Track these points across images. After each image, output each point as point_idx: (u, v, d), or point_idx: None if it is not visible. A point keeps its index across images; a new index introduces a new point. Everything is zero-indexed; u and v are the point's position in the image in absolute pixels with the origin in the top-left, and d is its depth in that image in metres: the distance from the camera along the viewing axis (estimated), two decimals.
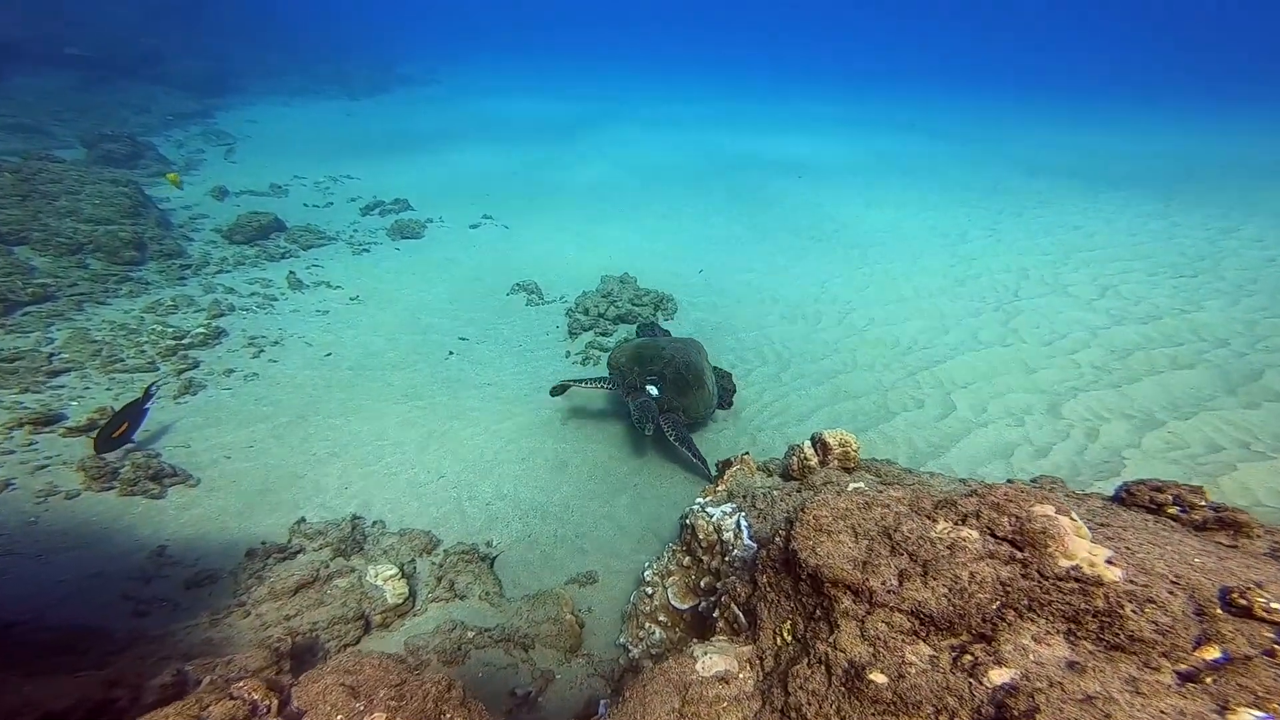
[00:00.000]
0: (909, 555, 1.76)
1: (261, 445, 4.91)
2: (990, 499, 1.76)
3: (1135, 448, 4.37)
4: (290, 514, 4.26)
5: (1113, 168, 14.65)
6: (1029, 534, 1.61)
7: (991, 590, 1.55)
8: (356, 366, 6.13)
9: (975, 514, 1.75)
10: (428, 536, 4.16)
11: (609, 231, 10.32)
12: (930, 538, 1.75)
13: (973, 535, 1.69)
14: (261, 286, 7.39)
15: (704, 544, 3.23)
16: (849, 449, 3.17)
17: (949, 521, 1.79)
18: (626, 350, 5.15)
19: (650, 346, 5.14)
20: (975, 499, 1.80)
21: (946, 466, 4.47)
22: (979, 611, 1.53)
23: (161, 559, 3.82)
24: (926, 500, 1.92)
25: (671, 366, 4.91)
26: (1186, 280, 7.46)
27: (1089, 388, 5.30)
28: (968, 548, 1.66)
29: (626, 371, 4.92)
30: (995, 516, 1.70)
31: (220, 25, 23.55)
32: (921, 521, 1.83)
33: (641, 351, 5.07)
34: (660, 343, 5.27)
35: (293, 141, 15.59)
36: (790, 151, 16.88)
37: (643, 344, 5.26)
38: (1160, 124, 21.51)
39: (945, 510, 1.82)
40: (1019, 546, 1.62)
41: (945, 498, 1.90)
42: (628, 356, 5.04)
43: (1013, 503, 1.72)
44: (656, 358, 4.96)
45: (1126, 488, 2.16)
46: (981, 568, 1.60)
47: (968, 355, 6.07)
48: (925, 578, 1.67)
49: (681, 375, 4.89)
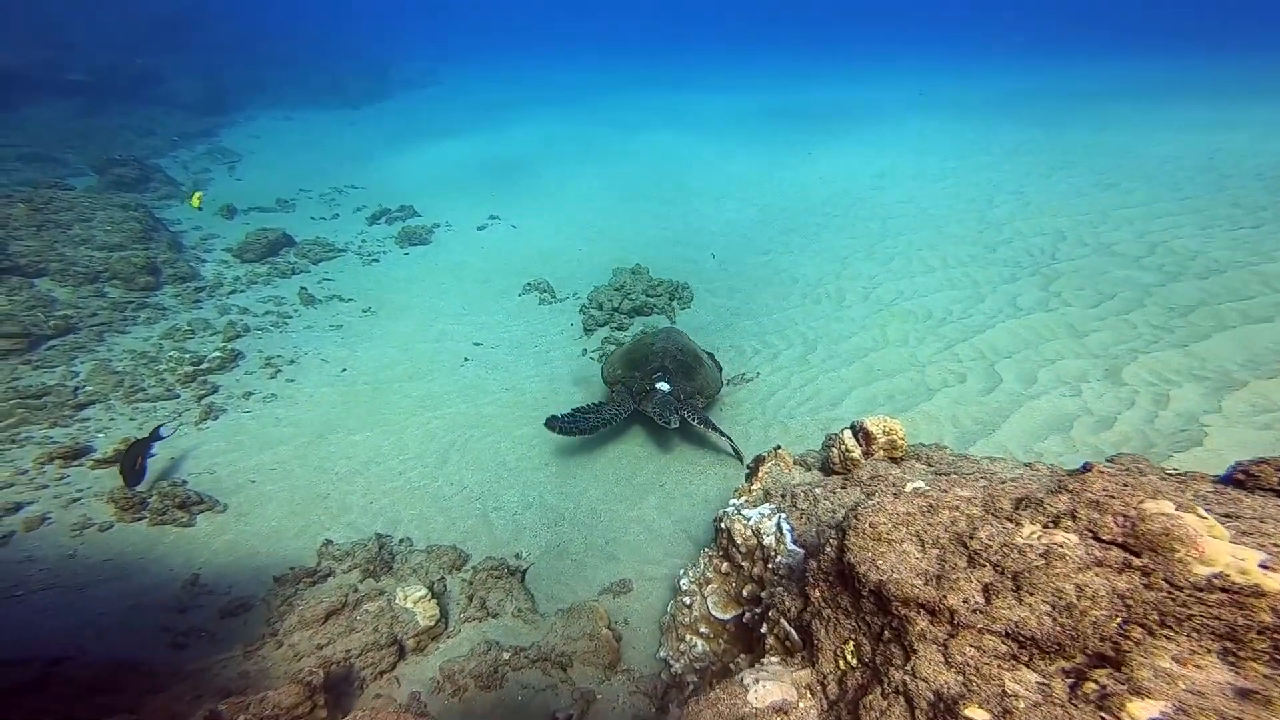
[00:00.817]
0: (993, 567, 1.50)
1: (285, 467, 4.84)
2: (1086, 495, 1.49)
3: (1215, 412, 3.98)
4: (317, 536, 4.17)
5: (1139, 123, 13.83)
6: (1146, 537, 1.34)
7: (1108, 605, 1.29)
8: (373, 380, 6.03)
9: (1070, 514, 1.48)
10: (456, 552, 4.02)
11: (618, 222, 10.06)
12: (1017, 545, 1.50)
13: (1070, 540, 1.43)
14: (275, 305, 7.34)
15: (742, 549, 3.00)
16: (895, 437, 2.90)
17: (1036, 525, 1.52)
18: (617, 361, 5.18)
19: (638, 348, 5.14)
20: (1067, 496, 1.53)
21: (1000, 446, 4.15)
22: (1095, 631, 1.28)
23: (195, 588, 3.77)
24: (1003, 499, 1.66)
25: (669, 357, 4.90)
26: (1248, 232, 6.90)
27: (1150, 349, 4.89)
28: (1067, 556, 1.40)
29: (629, 380, 4.83)
30: (1097, 517, 1.43)
31: (211, 43, 23.76)
32: (1002, 525, 1.57)
33: (633, 356, 5.06)
34: (643, 340, 5.31)
35: (296, 155, 15.63)
36: (795, 130, 16.35)
37: (629, 348, 5.26)
38: (1195, 77, 20.28)
39: (1030, 511, 1.56)
40: (1134, 552, 1.36)
41: (1026, 495, 1.64)
42: (622, 366, 5.03)
43: (1116, 499, 1.45)
44: (649, 355, 4.95)
45: (1244, 467, 1.85)
46: (1089, 579, 1.34)
47: (1009, 322, 5.69)
48: (1019, 593, 1.41)
49: (682, 361, 4.94)
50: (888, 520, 1.78)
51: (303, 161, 14.79)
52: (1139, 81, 19.21)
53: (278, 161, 15.00)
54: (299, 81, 23.63)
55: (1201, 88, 17.17)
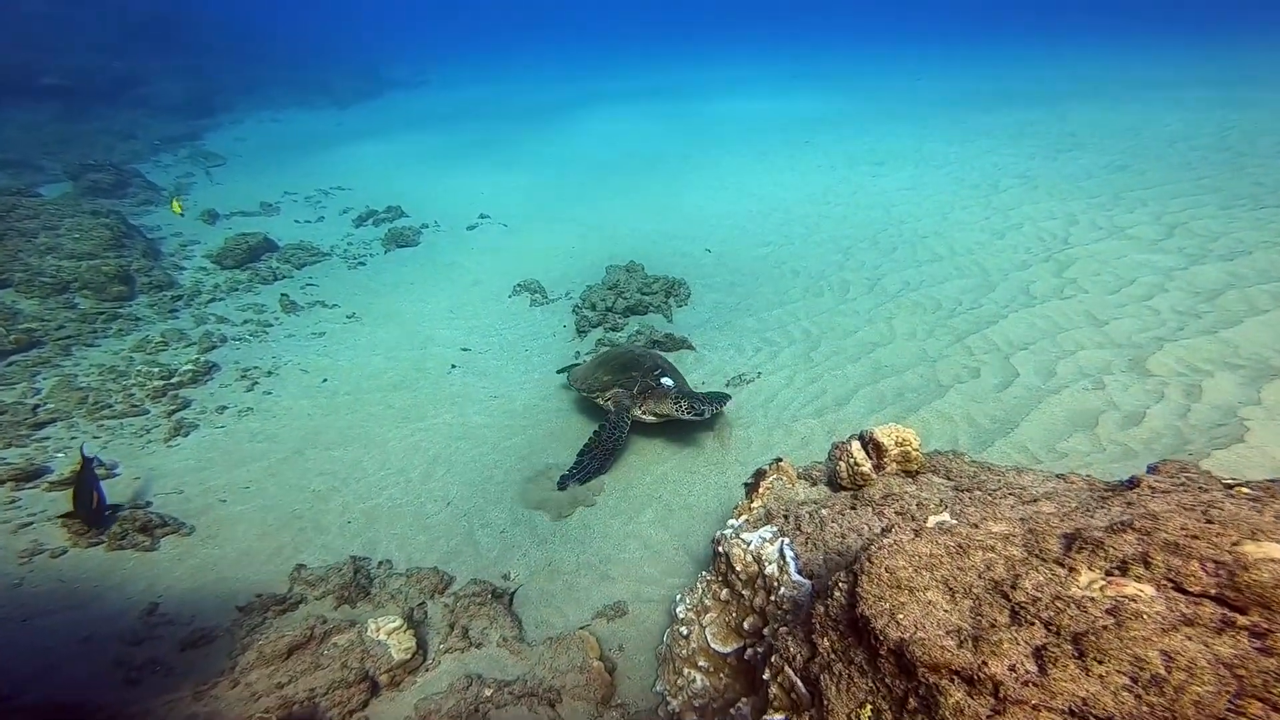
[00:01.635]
0: (1044, 625, 1.21)
1: (258, 485, 4.57)
2: (1161, 536, 1.20)
3: (1255, 404, 3.67)
4: (291, 559, 3.91)
5: (1148, 99, 13.42)
6: (1253, 590, 1.05)
7: (1213, 678, 1.00)
8: (355, 390, 5.75)
9: (1141, 559, 1.19)
10: (438, 575, 3.75)
11: (612, 217, 9.75)
12: (1074, 598, 1.21)
13: (1145, 593, 1.14)
14: (255, 313, 7.07)
15: (742, 576, 2.71)
16: (908, 448, 2.60)
17: (1096, 571, 1.23)
18: (597, 370, 4.81)
19: (619, 355, 4.91)
20: (1134, 536, 1.24)
21: (1020, 445, 3.84)
22: (1199, 712, 0.99)
23: (154, 618, 3.50)
24: (1049, 539, 1.37)
25: (659, 359, 4.82)
26: (1273, 211, 6.55)
27: (1176, 336, 4.57)
28: (1144, 613, 1.11)
29: (625, 382, 4.57)
30: (1178, 564, 1.14)
31: (195, 45, 23.39)
32: (1051, 572, 1.28)
33: (618, 362, 4.79)
34: (617, 351, 5.13)
35: (282, 157, 15.30)
36: (794, 112, 15.97)
37: (606, 358, 4.95)
38: (1205, 53, 19.79)
39: (1087, 554, 1.27)
40: (1235, 608, 1.07)
41: (1078, 533, 1.35)
42: (610, 372, 4.71)
43: (1202, 541, 1.15)
44: (638, 358, 4.77)
45: None
46: (1180, 643, 1.05)
47: (1022, 312, 5.37)
48: (1083, 660, 1.12)
49: (669, 364, 4.88)
50: (908, 564, 1.49)
51: (289, 164, 14.48)
52: (1141, 65, 18.74)
53: (263, 164, 14.69)
54: (287, 82, 23.31)
55: (1209, 71, 16.71)
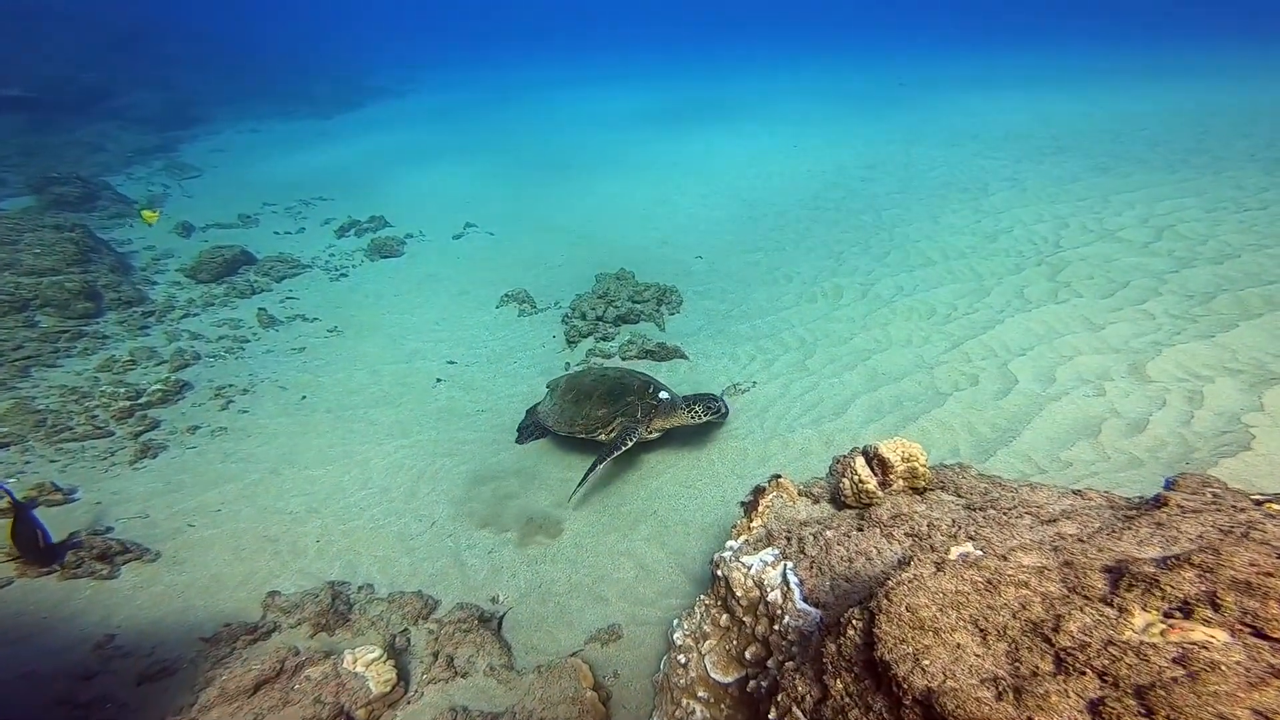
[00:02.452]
0: (1098, 675, 1.08)
1: (230, 508, 4.36)
2: (1227, 573, 1.07)
3: (1257, 410, 3.60)
4: (265, 585, 3.71)
5: (1129, 108, 13.64)
6: None
7: None
8: (336, 407, 5.54)
9: (1208, 600, 1.06)
10: (422, 599, 3.57)
11: (601, 225, 9.63)
12: (1131, 644, 1.07)
13: (1219, 639, 1.01)
14: (231, 328, 6.83)
15: (743, 602, 2.56)
16: (915, 464, 2.48)
17: (1152, 613, 1.10)
18: (580, 404, 4.36)
19: (598, 384, 4.43)
20: (1194, 574, 1.11)
21: (1023, 455, 3.75)
22: None
23: (109, 650, 3.28)
24: (1091, 573, 1.24)
25: (636, 377, 4.50)
26: (1255, 214, 6.59)
27: (1173, 340, 4.52)
28: (1221, 663, 0.98)
29: (625, 409, 4.21)
30: (1255, 607, 1.01)
31: (170, 56, 23.00)
32: (1099, 613, 1.15)
33: (602, 390, 4.35)
34: (592, 378, 4.59)
35: (262, 168, 15.00)
36: (783, 118, 16.01)
37: (583, 390, 4.44)
38: (1170, 69, 20.23)
39: (1139, 592, 1.14)
40: None
41: (1124, 568, 1.22)
42: (603, 405, 4.29)
43: (1278, 579, 1.03)
44: (624, 379, 4.42)
45: None
46: (1275, 699, 0.92)
47: (1018, 317, 5.31)
48: (1153, 718, 0.99)
49: (646, 375, 4.66)
50: (931, 602, 1.35)
51: (269, 174, 14.19)
52: (1117, 64, 19.09)
53: (242, 175, 14.38)
54: (267, 92, 22.99)
55: (1180, 70, 17.05)
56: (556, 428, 4.42)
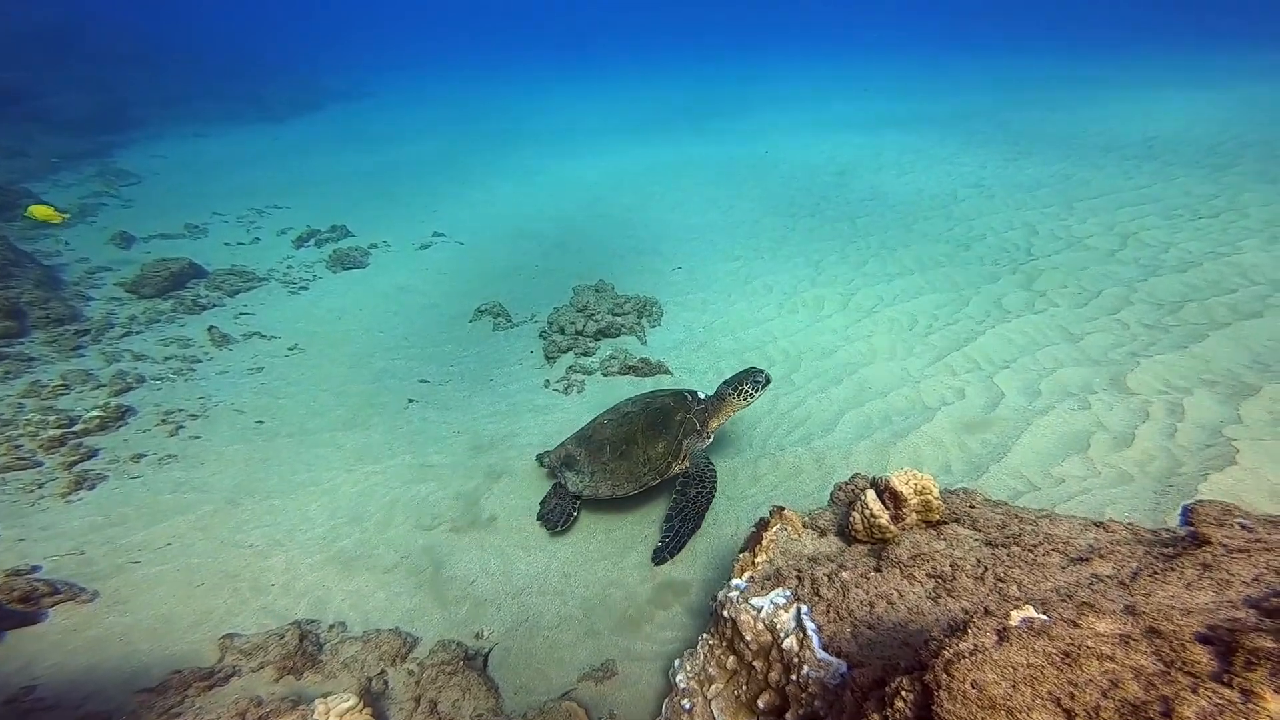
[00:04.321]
0: None
1: (183, 541, 3.99)
2: None
3: (1236, 423, 3.68)
4: (222, 625, 3.38)
5: (1077, 113, 14.22)
6: None
7: None
8: (299, 431, 5.17)
9: None
10: (400, 637, 3.30)
11: (577, 234, 9.41)
12: None
13: None
14: (179, 347, 6.32)
15: (753, 646, 2.41)
16: (928, 496, 2.38)
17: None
18: (655, 443, 3.81)
19: (628, 417, 3.94)
20: None
21: (1014, 470, 3.73)
22: None
23: (26, 704, 2.91)
24: (1188, 644, 1.12)
25: (659, 399, 4.05)
26: (1209, 221, 6.88)
27: (1149, 351, 4.61)
28: None
29: (687, 428, 3.84)
30: None
31: (100, 55, 21.57)
32: (1217, 694, 1.03)
33: (648, 424, 3.86)
34: (619, 429, 3.95)
35: (210, 174, 14.16)
36: (754, 124, 16.12)
37: (625, 435, 3.88)
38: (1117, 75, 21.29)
39: (1262, 670, 1.03)
40: None
41: (1228, 635, 1.11)
42: (661, 446, 3.80)
43: None
44: (653, 406, 3.95)
45: None
46: None
47: (999, 327, 5.36)
48: None
49: (668, 391, 4.15)
50: (1000, 678, 1.22)
51: (217, 181, 13.39)
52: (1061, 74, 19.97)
53: (187, 182, 13.52)
54: (213, 95, 21.79)
55: (1117, 78, 17.93)
56: (615, 493, 3.77)
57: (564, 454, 4.06)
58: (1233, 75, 16.47)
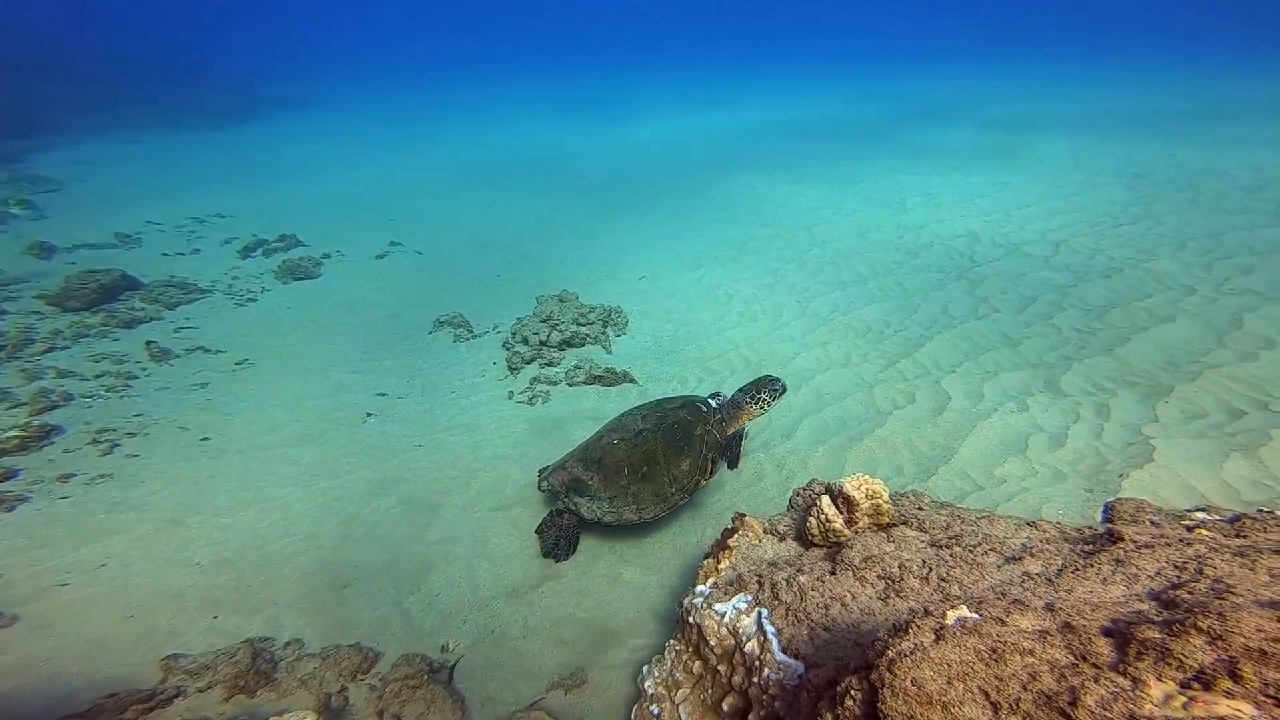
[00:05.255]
0: None
1: (120, 561, 3.78)
2: (1238, 641, 1.09)
3: (1154, 422, 3.99)
4: (165, 645, 3.21)
5: (1010, 123, 15.07)
6: None
7: None
8: (250, 447, 4.97)
9: (1228, 671, 1.07)
10: (361, 652, 3.21)
11: (540, 243, 9.37)
12: (1155, 719, 1.07)
13: (1246, 712, 1.02)
14: (112, 364, 5.95)
15: (717, 650, 2.47)
16: (879, 501, 2.50)
17: (1169, 683, 1.11)
18: (665, 458, 3.68)
19: (640, 435, 3.75)
20: (1203, 640, 1.13)
21: (960, 471, 3.94)
22: None
23: None
24: (1094, 638, 1.24)
25: (669, 402, 3.97)
26: (1128, 228, 7.43)
27: (1080, 355, 4.95)
28: None
29: (705, 435, 3.74)
30: (1271, 674, 1.03)
31: (6, 58, 20.22)
32: (1114, 683, 1.14)
33: (664, 436, 3.70)
34: (623, 438, 3.81)
35: (145, 182, 13.39)
36: (711, 129, 16.42)
37: (638, 446, 3.72)
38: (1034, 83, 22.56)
39: (1151, 661, 1.14)
40: None
41: (1125, 628, 1.23)
42: (682, 446, 3.69)
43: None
44: (666, 420, 3.76)
45: None
46: None
47: (945, 333, 5.64)
48: None
49: (683, 398, 4.04)
50: (936, 674, 1.32)
51: (152, 190, 12.65)
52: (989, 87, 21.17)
53: (117, 190, 12.72)
54: (145, 100, 20.60)
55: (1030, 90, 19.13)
56: (641, 516, 3.61)
57: (569, 479, 3.78)
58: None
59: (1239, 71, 21.61)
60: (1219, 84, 19.10)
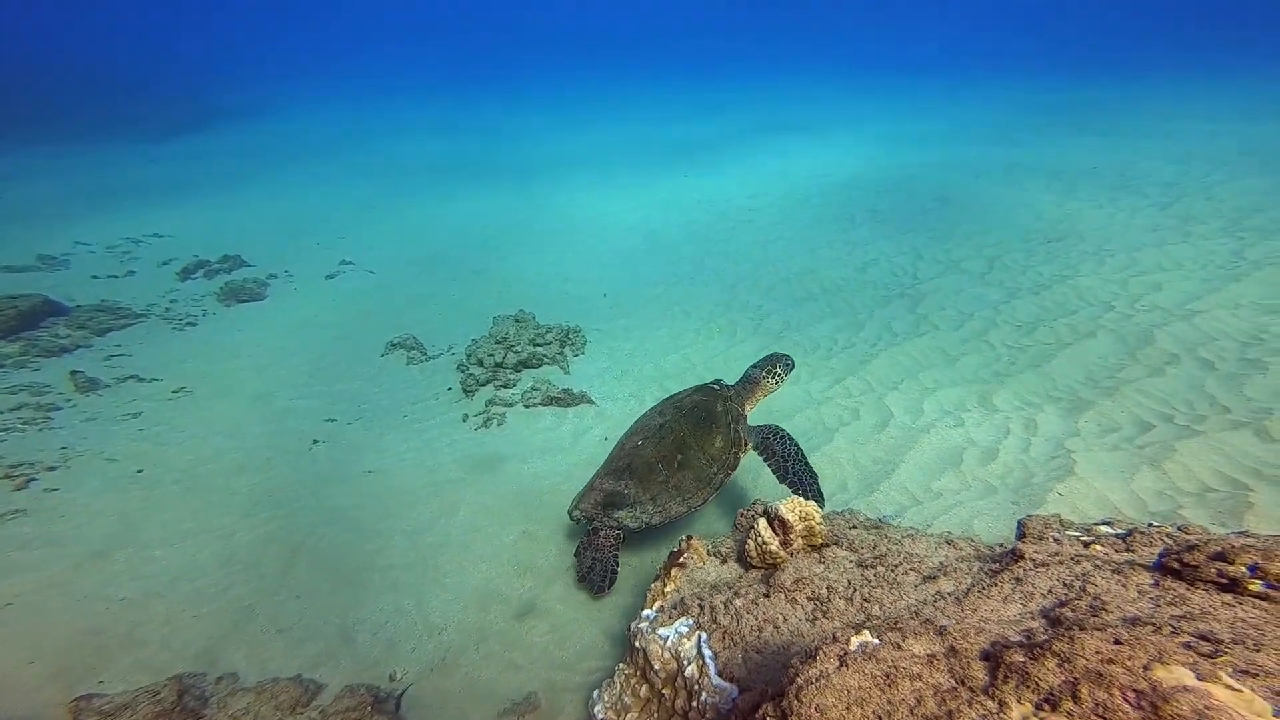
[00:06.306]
0: None
1: (31, 599, 3.58)
2: (1081, 663, 1.20)
3: (1075, 435, 4.26)
4: (79, 684, 3.05)
5: (941, 136, 15.85)
6: None
7: None
8: (187, 478, 4.77)
9: (1069, 692, 1.18)
10: (301, 685, 3.11)
11: (496, 260, 9.33)
12: None
13: None
14: (31, 394, 5.62)
15: (661, 675, 2.52)
16: (811, 523, 2.61)
17: (1026, 705, 1.21)
18: (697, 444, 3.61)
19: (664, 429, 3.68)
20: (1055, 663, 1.23)
21: (900, 486, 4.11)
22: None
23: None
24: (973, 663, 1.34)
25: (684, 393, 3.94)
26: (1055, 245, 7.91)
27: (1010, 371, 5.24)
28: None
29: (728, 412, 3.76)
30: (1105, 698, 1.14)
31: None
32: (984, 707, 1.24)
33: (691, 424, 3.63)
34: (647, 436, 3.72)
35: (70, 201, 12.71)
36: (670, 140, 16.71)
37: (665, 438, 3.64)
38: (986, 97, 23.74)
39: (1014, 685, 1.25)
40: None
41: (999, 653, 1.33)
42: (710, 432, 3.65)
43: (1118, 667, 1.17)
44: (683, 409, 3.72)
45: (1176, 554, 1.71)
46: None
47: (889, 350, 5.88)
48: None
49: (700, 385, 4.05)
50: (837, 700, 1.39)
51: (79, 208, 12.03)
52: None
53: (38, 208, 12.05)
54: (71, 111, 19.56)
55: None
56: (688, 506, 3.51)
57: (601, 498, 3.63)
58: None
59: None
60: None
